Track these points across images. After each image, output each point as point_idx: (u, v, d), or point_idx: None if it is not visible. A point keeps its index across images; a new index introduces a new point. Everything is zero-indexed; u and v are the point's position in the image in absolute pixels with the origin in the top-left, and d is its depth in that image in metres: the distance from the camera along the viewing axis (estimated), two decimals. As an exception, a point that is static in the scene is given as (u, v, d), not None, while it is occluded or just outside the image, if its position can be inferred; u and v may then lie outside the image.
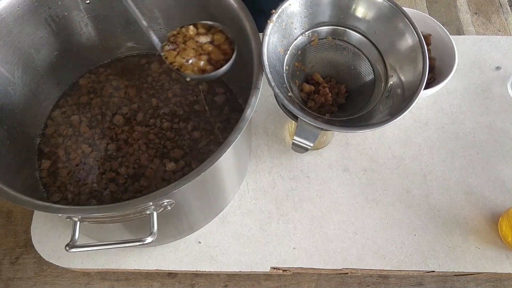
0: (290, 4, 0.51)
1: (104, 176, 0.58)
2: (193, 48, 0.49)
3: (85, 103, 0.64)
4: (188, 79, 0.48)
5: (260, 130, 0.66)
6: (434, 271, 0.56)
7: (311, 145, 0.49)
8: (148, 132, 0.61)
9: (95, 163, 0.59)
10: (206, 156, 0.59)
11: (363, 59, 0.55)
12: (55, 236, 0.58)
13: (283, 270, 0.57)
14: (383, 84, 0.53)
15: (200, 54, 0.49)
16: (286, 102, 0.48)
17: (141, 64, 0.67)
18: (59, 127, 0.62)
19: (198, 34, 0.50)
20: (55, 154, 0.60)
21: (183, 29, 0.50)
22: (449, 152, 0.65)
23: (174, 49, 0.49)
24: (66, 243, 0.41)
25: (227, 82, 0.65)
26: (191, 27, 0.50)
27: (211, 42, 0.50)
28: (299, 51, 0.55)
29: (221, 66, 0.48)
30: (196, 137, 0.60)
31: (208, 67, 0.48)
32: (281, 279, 0.62)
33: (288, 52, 0.54)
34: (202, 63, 0.48)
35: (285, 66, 0.54)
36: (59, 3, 0.56)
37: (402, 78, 0.51)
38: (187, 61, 0.48)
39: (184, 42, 0.49)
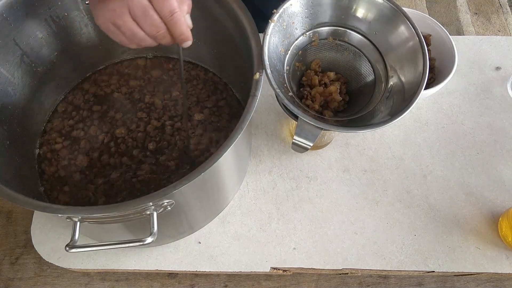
0: (291, 4, 0.51)
1: (105, 177, 0.57)
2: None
3: (87, 104, 0.64)
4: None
5: (260, 130, 0.66)
6: (434, 271, 0.56)
7: (311, 144, 0.49)
8: (150, 134, 0.61)
9: (96, 164, 0.59)
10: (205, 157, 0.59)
11: (364, 59, 0.55)
12: (55, 237, 0.58)
13: (283, 270, 0.57)
14: (383, 85, 0.53)
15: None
16: (286, 102, 0.48)
17: (142, 65, 0.67)
18: (60, 127, 0.62)
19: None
20: (55, 154, 0.60)
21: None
22: (449, 152, 0.65)
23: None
24: (66, 244, 0.41)
25: (228, 82, 0.66)
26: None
27: None
28: (300, 51, 0.55)
29: None
30: (197, 138, 0.60)
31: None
32: (281, 279, 0.62)
33: (289, 52, 0.54)
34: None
35: (286, 66, 0.54)
36: (59, 3, 0.56)
37: (403, 78, 0.51)
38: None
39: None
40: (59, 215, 0.41)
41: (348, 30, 0.55)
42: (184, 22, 0.41)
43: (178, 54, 0.54)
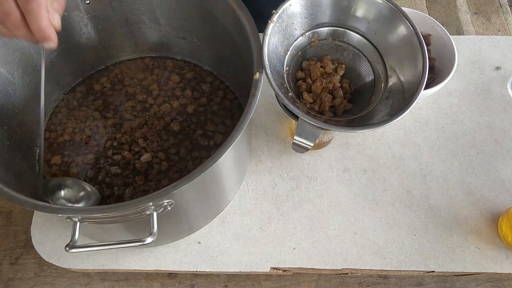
0: (290, 5, 0.51)
1: (105, 178, 0.58)
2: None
3: (86, 104, 0.64)
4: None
5: (260, 130, 0.66)
6: (434, 271, 0.56)
7: (311, 144, 0.49)
8: (150, 135, 0.61)
9: (96, 165, 0.59)
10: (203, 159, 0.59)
11: (363, 60, 0.55)
12: (55, 237, 0.58)
13: (283, 270, 0.57)
14: (383, 85, 0.53)
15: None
16: (286, 102, 0.48)
17: (142, 66, 0.67)
18: (60, 127, 0.62)
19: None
20: (55, 155, 0.60)
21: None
22: (449, 152, 0.65)
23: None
24: (66, 244, 0.41)
25: (227, 82, 0.66)
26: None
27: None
28: (300, 52, 0.55)
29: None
30: (197, 138, 0.60)
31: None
32: (281, 279, 0.62)
33: (289, 52, 0.54)
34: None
35: (286, 66, 0.54)
36: (59, 3, 0.55)
37: (402, 78, 0.51)
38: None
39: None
40: (59, 215, 0.41)
41: (347, 31, 0.55)
42: (46, 16, 0.36)
43: (40, 56, 0.45)
